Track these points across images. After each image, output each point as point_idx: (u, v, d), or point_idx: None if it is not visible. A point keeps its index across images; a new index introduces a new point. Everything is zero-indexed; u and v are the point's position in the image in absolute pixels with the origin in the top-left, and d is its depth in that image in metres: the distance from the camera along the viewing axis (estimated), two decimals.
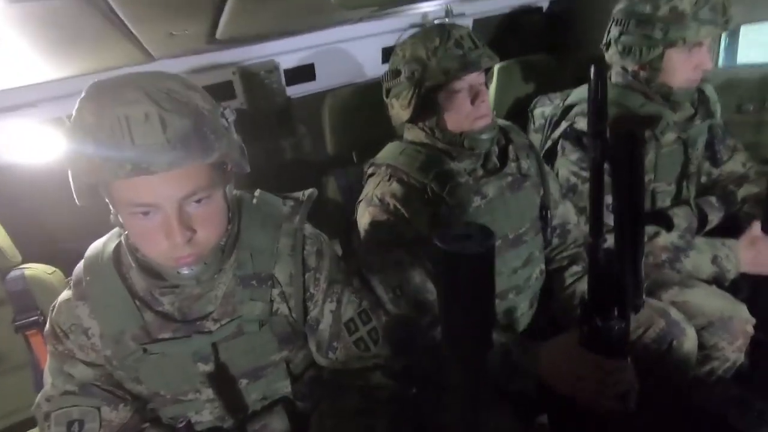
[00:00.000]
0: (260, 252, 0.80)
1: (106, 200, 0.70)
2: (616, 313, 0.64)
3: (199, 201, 0.67)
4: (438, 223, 1.02)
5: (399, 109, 1.07)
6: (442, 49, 0.97)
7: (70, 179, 0.66)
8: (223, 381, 0.80)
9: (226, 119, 0.69)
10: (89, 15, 0.62)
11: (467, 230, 0.48)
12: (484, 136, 1.03)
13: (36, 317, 1.09)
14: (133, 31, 0.74)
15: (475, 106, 1.01)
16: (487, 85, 1.07)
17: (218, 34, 0.92)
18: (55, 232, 1.36)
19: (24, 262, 1.16)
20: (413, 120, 1.07)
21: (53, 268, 1.16)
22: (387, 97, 1.10)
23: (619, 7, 1.21)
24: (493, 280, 0.47)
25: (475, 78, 1.01)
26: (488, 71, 1.08)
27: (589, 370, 0.75)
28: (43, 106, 1.20)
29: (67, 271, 1.18)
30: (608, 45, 1.24)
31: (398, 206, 1.01)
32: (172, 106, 0.61)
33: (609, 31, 1.24)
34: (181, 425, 0.60)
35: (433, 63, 0.98)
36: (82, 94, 0.63)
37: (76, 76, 1.13)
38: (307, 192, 0.88)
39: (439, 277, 0.52)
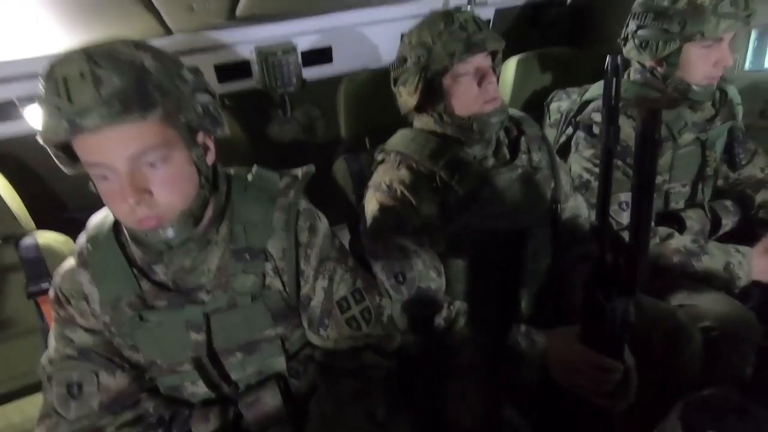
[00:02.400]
0: (254, 226, 0.80)
1: None
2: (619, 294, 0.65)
3: (154, 163, 0.67)
4: (446, 212, 1.02)
5: (406, 97, 1.07)
6: (446, 32, 0.98)
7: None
8: (215, 351, 0.82)
9: (186, 80, 0.69)
10: None
11: (502, 210, 0.49)
12: (493, 119, 1.02)
13: (47, 284, 1.11)
14: (154, 1, 0.74)
15: (482, 88, 1.00)
16: (495, 71, 1.07)
17: (238, 11, 0.91)
18: (68, 201, 1.38)
19: (37, 229, 1.18)
20: (421, 107, 1.07)
21: (66, 237, 1.18)
22: (395, 85, 1.10)
23: (638, 1, 1.19)
24: (524, 260, 0.49)
25: (481, 60, 1.01)
26: (495, 57, 1.08)
27: (585, 366, 0.76)
28: None
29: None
30: (626, 39, 1.22)
31: (406, 193, 1.01)
32: (110, 64, 0.61)
33: (627, 25, 1.22)
34: None
35: (437, 47, 0.98)
36: None
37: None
38: (305, 168, 0.88)
39: (473, 255, 0.54)
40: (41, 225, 1.21)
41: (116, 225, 0.80)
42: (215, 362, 0.82)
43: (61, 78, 0.60)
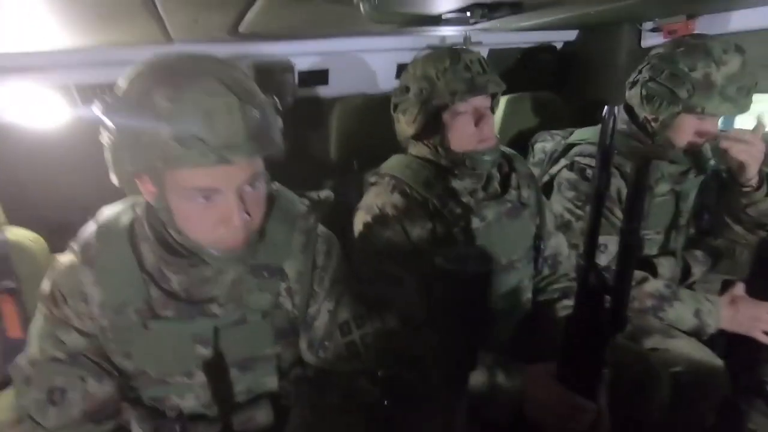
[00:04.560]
0: (274, 244, 0.80)
1: (148, 181, 0.68)
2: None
3: (255, 186, 0.69)
4: (435, 239, 1.03)
5: (405, 125, 1.09)
6: (452, 70, 1.00)
7: (114, 159, 0.66)
8: (217, 367, 0.79)
9: (277, 109, 0.72)
10: None
11: (468, 251, 0.50)
12: (486, 157, 1.05)
13: (10, 283, 1.06)
14: (160, 10, 0.74)
15: (478, 128, 1.03)
16: (493, 110, 1.10)
17: (241, 27, 0.92)
18: (42, 200, 1.33)
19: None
20: (418, 136, 1.10)
21: (36, 235, 1.13)
22: (394, 111, 1.12)
23: (659, 51, 1.20)
24: (488, 303, 0.49)
25: (480, 101, 1.04)
26: (494, 97, 1.11)
27: (559, 404, 0.76)
28: (51, 72, 1.18)
29: (48, 240, 1.16)
30: (634, 83, 1.24)
31: (397, 218, 1.02)
32: (247, 97, 0.63)
33: (640, 71, 1.23)
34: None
35: (441, 83, 1.01)
36: (144, 73, 0.63)
37: (89, 47, 1.13)
38: (324, 194, 0.91)
39: (436, 293, 0.54)
40: (11, 221, 1.16)
41: (131, 226, 0.77)
42: (214, 377, 0.79)
43: (205, 108, 0.60)
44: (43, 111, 1.19)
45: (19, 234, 1.11)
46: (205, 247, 0.71)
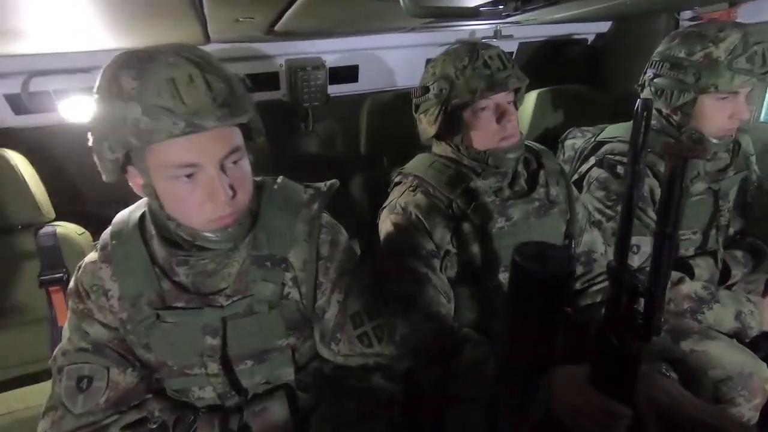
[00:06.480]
0: (277, 235, 0.81)
1: (134, 171, 0.71)
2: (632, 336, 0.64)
3: (235, 162, 0.71)
4: (459, 239, 1.03)
5: (426, 125, 1.08)
6: (470, 68, 0.98)
7: (98, 153, 0.68)
8: (228, 357, 0.82)
9: (246, 87, 0.74)
10: None
11: (545, 249, 0.48)
12: (510, 155, 1.03)
13: (61, 274, 1.13)
14: (206, 12, 0.77)
15: (501, 125, 1.01)
16: (516, 105, 1.07)
17: (278, 26, 0.94)
18: (89, 195, 1.40)
19: (56, 219, 1.20)
20: (440, 136, 1.09)
21: (83, 229, 1.20)
22: (416, 112, 1.12)
23: (657, 50, 1.22)
24: (565, 304, 0.46)
25: (502, 97, 1.01)
26: (518, 91, 1.08)
27: (591, 409, 0.74)
28: (96, 72, 1.24)
29: (95, 234, 1.22)
30: (642, 86, 1.24)
31: (420, 217, 1.01)
32: (213, 69, 0.66)
33: (645, 73, 1.24)
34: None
35: (460, 82, 0.99)
36: (112, 64, 0.66)
37: (131, 48, 1.17)
38: (329, 182, 0.89)
39: (511, 294, 0.52)
40: (60, 215, 1.22)
41: (141, 222, 0.81)
42: (226, 368, 0.82)
43: (168, 80, 0.62)
44: (88, 111, 1.24)
45: (68, 228, 1.17)
46: (198, 230, 0.73)
